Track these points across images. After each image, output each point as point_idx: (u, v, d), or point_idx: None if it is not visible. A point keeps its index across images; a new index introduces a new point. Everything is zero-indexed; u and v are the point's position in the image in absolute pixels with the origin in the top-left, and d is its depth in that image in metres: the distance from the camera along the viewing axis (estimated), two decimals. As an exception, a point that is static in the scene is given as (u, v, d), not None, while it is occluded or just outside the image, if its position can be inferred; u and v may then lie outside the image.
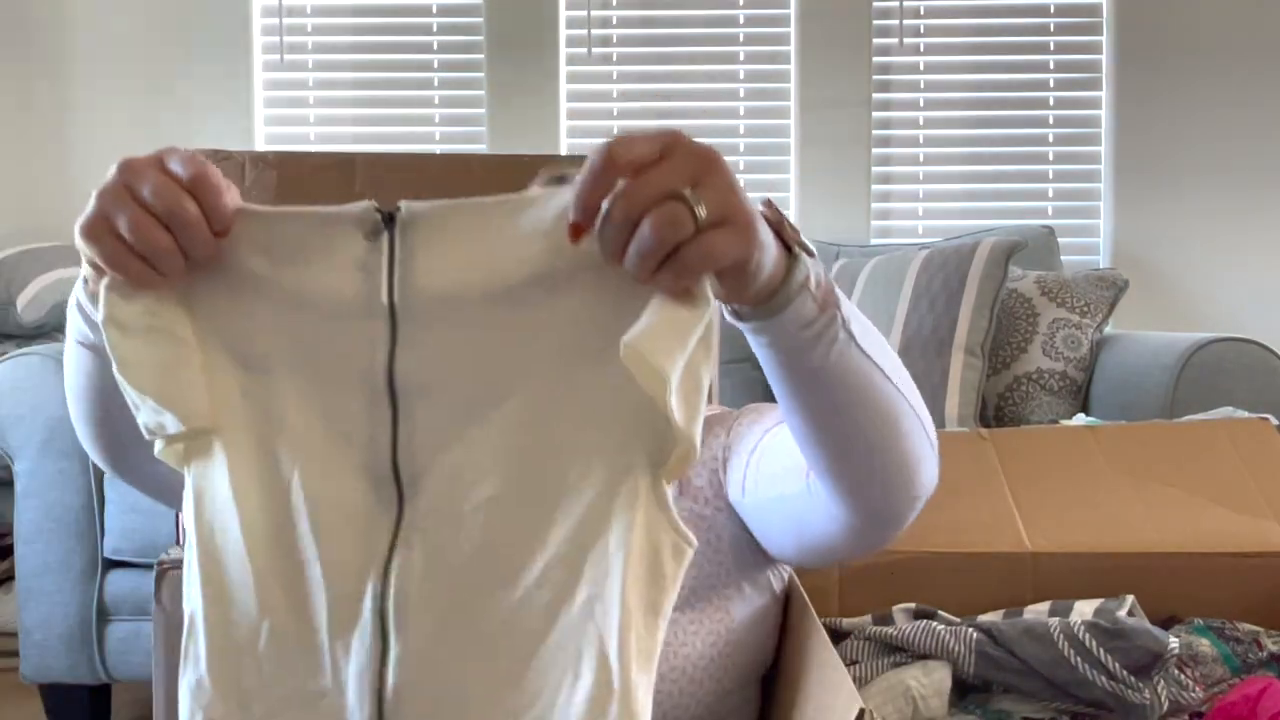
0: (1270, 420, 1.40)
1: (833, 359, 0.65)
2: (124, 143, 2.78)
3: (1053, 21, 2.79)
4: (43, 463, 1.78)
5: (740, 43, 2.82)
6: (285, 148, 2.79)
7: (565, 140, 2.82)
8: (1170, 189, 2.74)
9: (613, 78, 2.83)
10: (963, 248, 2.18)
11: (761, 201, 0.60)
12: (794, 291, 0.61)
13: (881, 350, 0.69)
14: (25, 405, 1.77)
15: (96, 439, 0.78)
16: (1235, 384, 1.78)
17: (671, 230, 0.52)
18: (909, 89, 2.80)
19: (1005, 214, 2.75)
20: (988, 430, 1.41)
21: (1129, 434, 1.41)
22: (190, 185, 0.58)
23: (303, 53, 2.85)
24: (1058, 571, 1.14)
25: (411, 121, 2.86)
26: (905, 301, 2.14)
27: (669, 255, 0.53)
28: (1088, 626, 0.99)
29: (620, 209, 0.53)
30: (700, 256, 0.53)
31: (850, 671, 0.93)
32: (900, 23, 2.78)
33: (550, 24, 2.80)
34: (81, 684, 1.83)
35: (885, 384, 0.68)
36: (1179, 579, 1.15)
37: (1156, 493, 1.25)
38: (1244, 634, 1.09)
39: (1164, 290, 2.72)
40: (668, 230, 0.52)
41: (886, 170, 2.80)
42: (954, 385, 2.04)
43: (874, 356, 0.67)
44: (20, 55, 2.82)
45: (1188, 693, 1.00)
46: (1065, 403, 2.09)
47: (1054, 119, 2.79)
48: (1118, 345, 2.10)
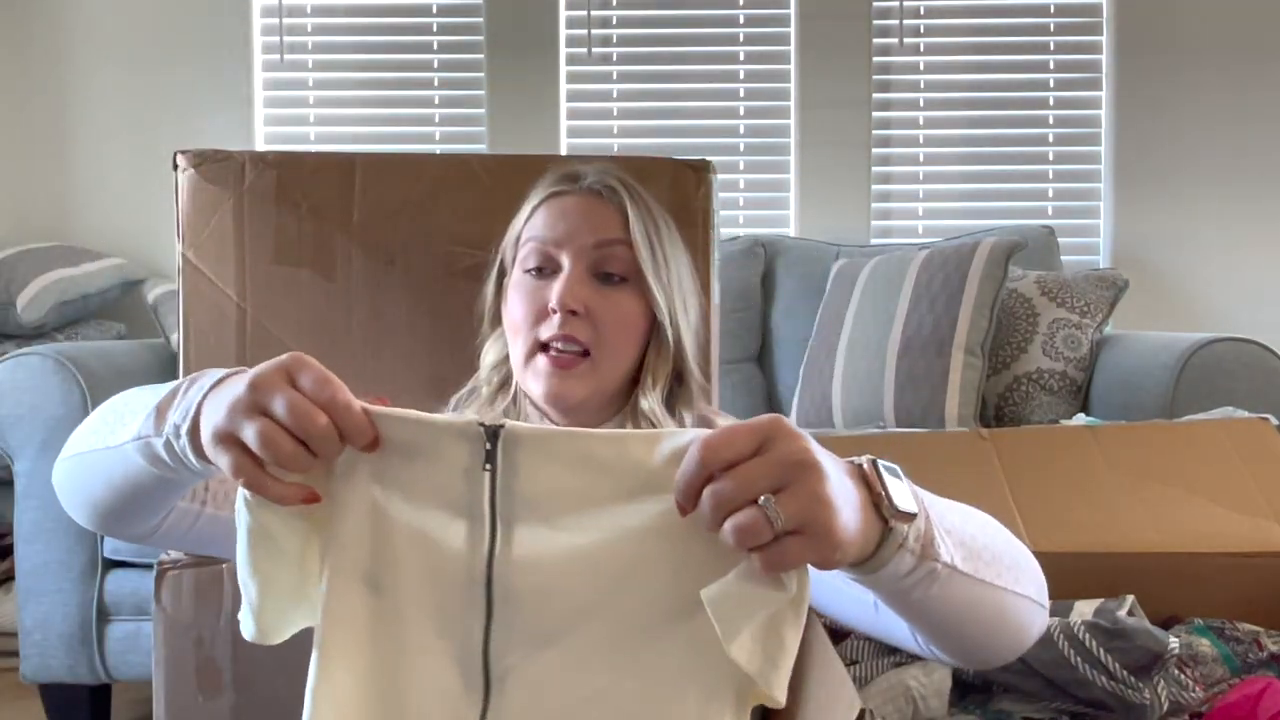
0: (1270, 420, 1.40)
1: (934, 593, 0.67)
2: (124, 143, 2.78)
3: (1053, 21, 2.79)
4: (43, 463, 1.78)
5: (740, 43, 2.82)
6: (285, 148, 2.79)
7: (565, 140, 2.82)
8: (1170, 189, 2.74)
9: (613, 78, 2.83)
10: (963, 248, 2.18)
11: (866, 463, 0.64)
12: (888, 556, 0.63)
13: (988, 557, 0.70)
14: (25, 405, 1.77)
15: (101, 518, 0.81)
16: (1235, 384, 1.78)
17: (748, 537, 0.56)
18: (909, 89, 2.80)
19: (1005, 214, 2.75)
20: (988, 430, 1.41)
21: (1129, 434, 1.41)
22: (324, 404, 0.61)
23: (303, 53, 2.85)
24: (1058, 571, 1.14)
25: (411, 121, 2.86)
26: (905, 301, 2.14)
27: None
28: (1088, 626, 0.99)
29: (710, 506, 0.57)
30: (773, 564, 0.57)
31: (850, 671, 0.93)
32: (900, 23, 2.78)
33: (550, 24, 2.80)
34: (81, 684, 1.83)
35: (992, 593, 0.70)
36: (1179, 579, 1.15)
37: (1156, 493, 1.25)
38: (1244, 634, 1.09)
39: (1164, 290, 2.72)
40: (745, 537, 0.56)
41: (886, 170, 2.80)
42: (954, 385, 2.04)
43: (979, 573, 0.69)
44: (20, 55, 2.82)
45: (1188, 693, 1.00)
46: (1065, 403, 2.09)
47: (1054, 119, 2.79)
48: (1118, 345, 2.10)
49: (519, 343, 0.96)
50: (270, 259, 1.19)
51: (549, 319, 0.94)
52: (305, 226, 1.20)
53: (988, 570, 0.70)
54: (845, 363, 2.17)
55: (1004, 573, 0.72)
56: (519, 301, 0.97)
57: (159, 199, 2.56)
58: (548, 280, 0.96)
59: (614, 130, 2.84)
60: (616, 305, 0.95)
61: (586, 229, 0.96)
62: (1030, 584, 0.75)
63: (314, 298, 1.20)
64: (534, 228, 0.99)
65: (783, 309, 2.48)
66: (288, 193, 1.20)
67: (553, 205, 0.99)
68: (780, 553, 0.57)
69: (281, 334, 1.18)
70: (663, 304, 0.97)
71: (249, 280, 1.19)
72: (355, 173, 1.22)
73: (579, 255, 0.96)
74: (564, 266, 0.95)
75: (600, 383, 0.96)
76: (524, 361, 0.96)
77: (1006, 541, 0.75)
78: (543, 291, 0.96)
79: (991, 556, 0.71)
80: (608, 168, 1.01)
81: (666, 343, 0.98)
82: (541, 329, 0.95)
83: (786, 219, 2.81)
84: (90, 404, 1.77)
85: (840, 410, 2.14)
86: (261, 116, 2.85)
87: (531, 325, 0.95)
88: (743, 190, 2.83)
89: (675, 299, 0.98)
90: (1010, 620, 0.73)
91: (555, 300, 0.93)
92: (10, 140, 2.82)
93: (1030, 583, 0.75)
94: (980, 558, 0.70)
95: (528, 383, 0.96)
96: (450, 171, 1.25)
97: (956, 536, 0.68)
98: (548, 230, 0.97)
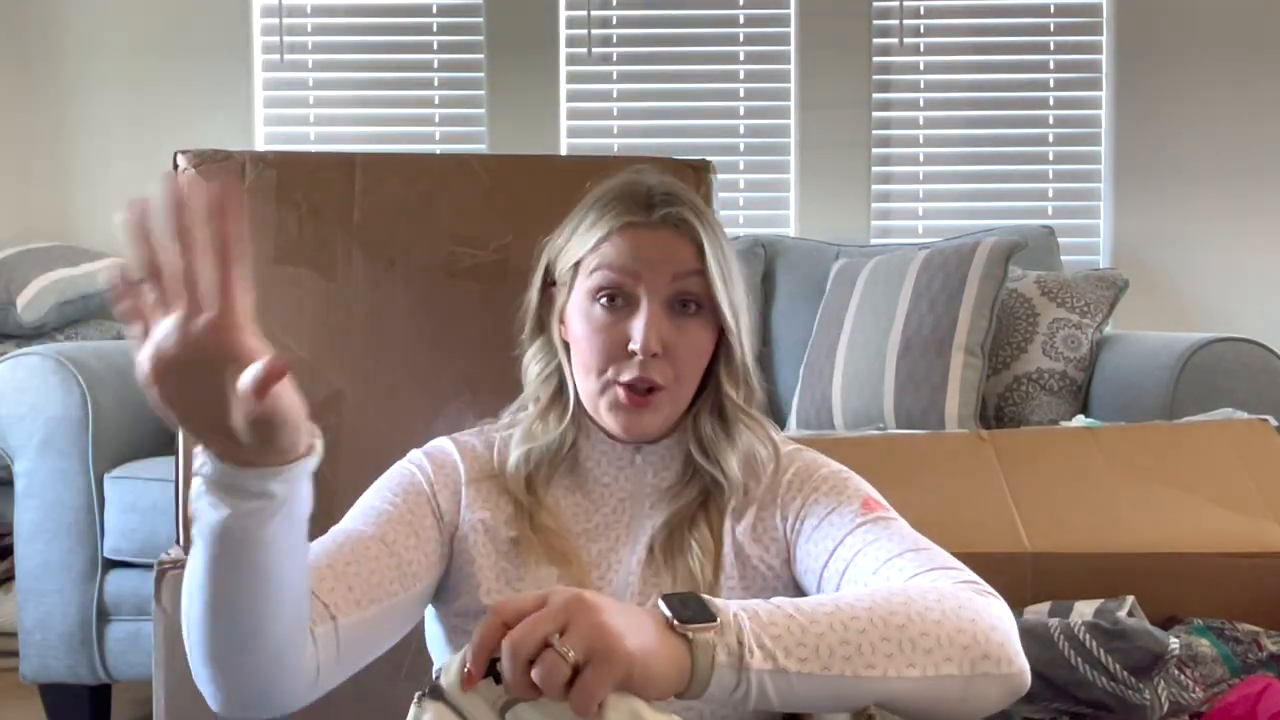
0: (1270, 420, 1.40)
1: (789, 700, 0.71)
2: (124, 143, 2.78)
3: (1053, 21, 2.79)
4: (43, 463, 1.78)
5: (740, 43, 2.82)
6: (285, 148, 2.79)
7: (565, 140, 2.82)
8: (1170, 189, 2.74)
9: (613, 78, 2.83)
10: (963, 248, 2.18)
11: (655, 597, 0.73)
12: (704, 671, 0.68)
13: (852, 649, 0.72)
14: (25, 405, 1.77)
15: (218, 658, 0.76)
16: (1235, 384, 1.78)
17: (551, 677, 0.63)
18: (909, 89, 2.80)
19: (1005, 214, 2.75)
20: (988, 431, 1.41)
21: (1129, 434, 1.41)
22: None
23: (303, 53, 2.85)
24: (1057, 571, 1.14)
25: (411, 121, 2.86)
26: (905, 301, 2.14)
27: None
28: (1088, 627, 0.99)
29: (508, 657, 0.64)
30: (581, 700, 0.63)
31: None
32: (900, 23, 2.78)
33: (550, 24, 2.80)
34: (81, 684, 1.83)
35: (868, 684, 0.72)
36: (1179, 579, 1.15)
37: (1156, 493, 1.25)
38: (1244, 634, 1.09)
39: (1164, 290, 2.72)
40: (548, 677, 0.63)
41: (886, 170, 2.80)
42: (954, 385, 2.04)
43: (833, 669, 0.71)
44: (20, 56, 2.82)
45: (1188, 693, 1.00)
46: (1065, 403, 2.09)
47: (1054, 119, 2.79)
48: (1118, 345, 2.10)
49: (592, 377, 0.94)
50: (270, 259, 1.19)
51: (629, 359, 0.92)
52: (305, 226, 1.20)
53: (852, 663, 0.71)
54: (845, 363, 2.16)
55: (890, 658, 0.72)
56: (592, 333, 0.94)
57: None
58: (622, 314, 0.93)
59: (614, 130, 2.84)
60: (692, 339, 0.94)
61: (665, 265, 0.93)
62: (954, 657, 0.73)
63: (314, 298, 1.20)
64: (606, 255, 0.94)
65: (783, 309, 2.48)
66: (288, 193, 1.20)
67: (628, 236, 0.94)
68: (581, 687, 0.63)
69: (282, 334, 1.18)
70: (734, 326, 0.95)
71: (249, 280, 1.19)
72: (355, 173, 1.22)
73: (657, 292, 0.93)
74: (641, 302, 0.92)
75: (675, 412, 0.95)
76: (598, 393, 0.94)
77: (906, 620, 0.73)
78: (619, 327, 0.92)
79: (864, 646, 0.71)
80: (673, 188, 0.97)
81: (737, 365, 0.96)
82: (621, 368, 0.92)
83: (786, 219, 2.81)
84: (90, 404, 1.77)
85: (840, 411, 2.14)
86: (261, 116, 2.86)
87: (608, 361, 0.93)
88: (743, 190, 2.83)
89: (741, 318, 0.96)
90: (912, 702, 0.73)
91: (639, 343, 0.91)
92: (11, 140, 2.82)
93: (955, 656, 0.73)
94: (836, 653, 0.70)
95: (600, 413, 0.94)
96: (450, 171, 1.25)
97: (795, 638, 0.70)
98: (625, 262, 0.93)
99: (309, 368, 1.17)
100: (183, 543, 1.19)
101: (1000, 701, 0.76)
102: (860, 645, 0.71)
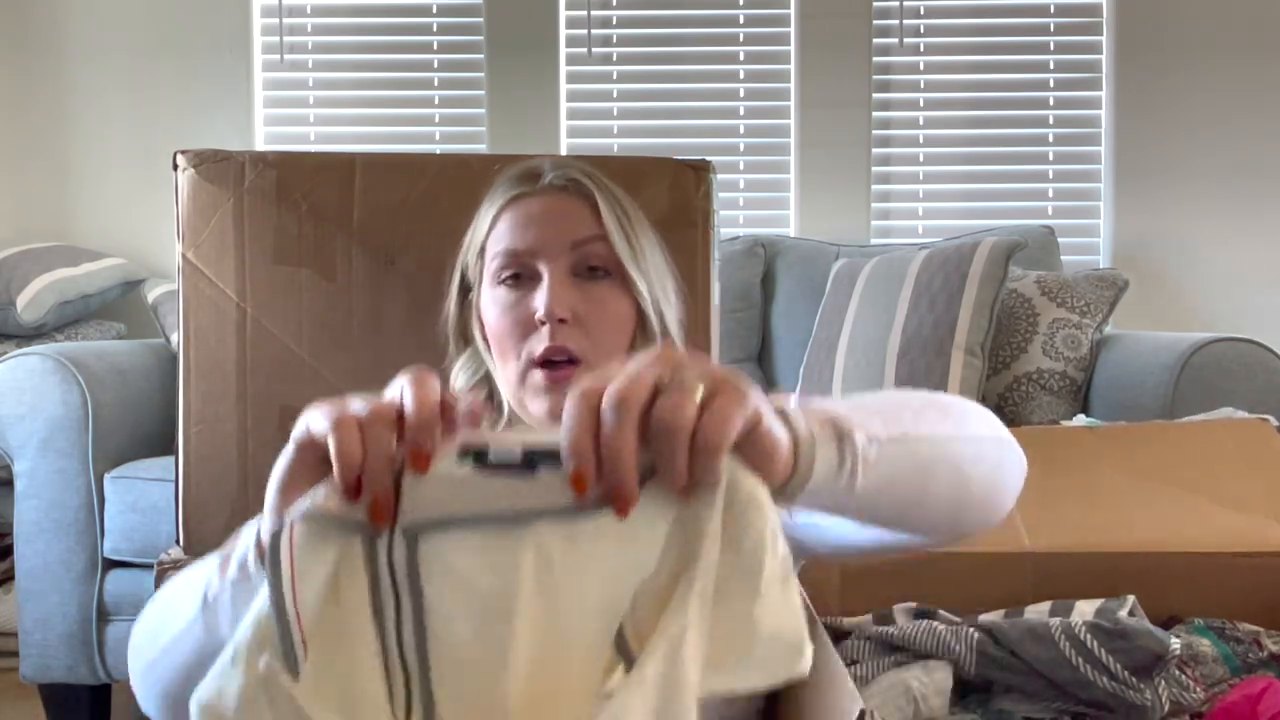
0: (1270, 420, 1.40)
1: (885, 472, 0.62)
2: (124, 143, 2.78)
3: (1053, 21, 2.79)
4: (42, 463, 1.78)
5: (740, 43, 2.82)
6: (285, 148, 2.79)
7: (565, 140, 2.82)
8: (1170, 189, 2.74)
9: (613, 78, 2.83)
10: (963, 248, 2.18)
11: None
12: (808, 445, 0.57)
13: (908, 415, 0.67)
14: (25, 405, 1.77)
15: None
16: (1235, 384, 1.78)
17: (678, 415, 0.49)
18: (909, 89, 2.80)
19: (1005, 214, 2.75)
20: (988, 430, 1.40)
21: (1129, 434, 1.42)
22: None
23: (303, 53, 2.85)
24: (1058, 571, 1.14)
25: (411, 121, 2.86)
26: (905, 301, 2.14)
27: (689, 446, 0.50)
28: (1089, 627, 0.99)
29: (613, 421, 0.49)
30: (718, 430, 0.50)
31: (850, 671, 0.93)
32: (900, 23, 2.78)
33: (550, 24, 2.80)
34: (81, 684, 1.83)
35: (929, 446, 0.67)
36: (1179, 579, 1.15)
37: (1157, 492, 1.25)
38: (1244, 634, 1.09)
39: (1164, 290, 2.72)
40: (676, 416, 0.49)
41: (886, 170, 2.80)
42: (954, 385, 2.04)
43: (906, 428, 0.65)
44: (19, 55, 2.82)
45: (1188, 693, 1.00)
46: (1065, 403, 2.09)
47: (1054, 119, 2.79)
48: (1118, 345, 2.10)
49: (509, 363, 0.91)
50: (270, 259, 1.19)
51: (537, 331, 0.89)
52: (305, 226, 1.20)
53: (918, 425, 0.66)
54: (845, 363, 2.17)
55: (940, 421, 0.69)
56: (499, 316, 0.92)
57: (159, 199, 2.56)
58: (527, 290, 0.91)
59: (614, 130, 2.84)
60: (604, 305, 0.91)
61: (559, 231, 0.91)
62: (979, 423, 0.72)
63: (314, 298, 1.20)
64: (500, 238, 0.93)
65: (783, 309, 2.49)
66: (288, 193, 1.20)
67: (516, 210, 0.93)
68: (718, 418, 0.50)
69: (282, 334, 1.18)
70: (646, 294, 0.93)
71: (249, 280, 1.19)
72: (355, 173, 1.22)
73: (556, 259, 0.90)
74: (543, 274, 0.90)
75: None
76: (518, 381, 0.91)
77: (929, 397, 0.71)
78: (524, 302, 0.90)
79: (920, 413, 0.67)
80: (565, 159, 0.96)
81: (654, 334, 0.94)
82: (531, 344, 0.89)
83: (786, 219, 2.81)
84: (90, 404, 1.77)
85: (840, 410, 2.14)
86: (261, 116, 2.85)
87: (519, 340, 0.90)
88: (743, 190, 2.83)
89: (656, 287, 0.94)
90: (970, 464, 0.70)
91: (543, 311, 0.88)
92: (10, 140, 2.82)
93: (978, 421, 0.72)
94: (904, 420, 0.66)
95: (526, 402, 0.91)
96: (450, 171, 1.25)
97: (865, 413, 0.63)
98: (517, 239, 0.92)
99: (309, 368, 1.17)
100: (183, 543, 1.19)
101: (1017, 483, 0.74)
102: (918, 411, 0.68)
